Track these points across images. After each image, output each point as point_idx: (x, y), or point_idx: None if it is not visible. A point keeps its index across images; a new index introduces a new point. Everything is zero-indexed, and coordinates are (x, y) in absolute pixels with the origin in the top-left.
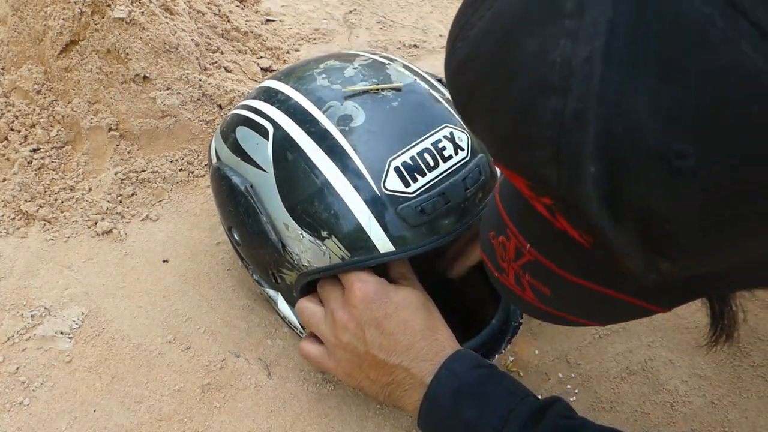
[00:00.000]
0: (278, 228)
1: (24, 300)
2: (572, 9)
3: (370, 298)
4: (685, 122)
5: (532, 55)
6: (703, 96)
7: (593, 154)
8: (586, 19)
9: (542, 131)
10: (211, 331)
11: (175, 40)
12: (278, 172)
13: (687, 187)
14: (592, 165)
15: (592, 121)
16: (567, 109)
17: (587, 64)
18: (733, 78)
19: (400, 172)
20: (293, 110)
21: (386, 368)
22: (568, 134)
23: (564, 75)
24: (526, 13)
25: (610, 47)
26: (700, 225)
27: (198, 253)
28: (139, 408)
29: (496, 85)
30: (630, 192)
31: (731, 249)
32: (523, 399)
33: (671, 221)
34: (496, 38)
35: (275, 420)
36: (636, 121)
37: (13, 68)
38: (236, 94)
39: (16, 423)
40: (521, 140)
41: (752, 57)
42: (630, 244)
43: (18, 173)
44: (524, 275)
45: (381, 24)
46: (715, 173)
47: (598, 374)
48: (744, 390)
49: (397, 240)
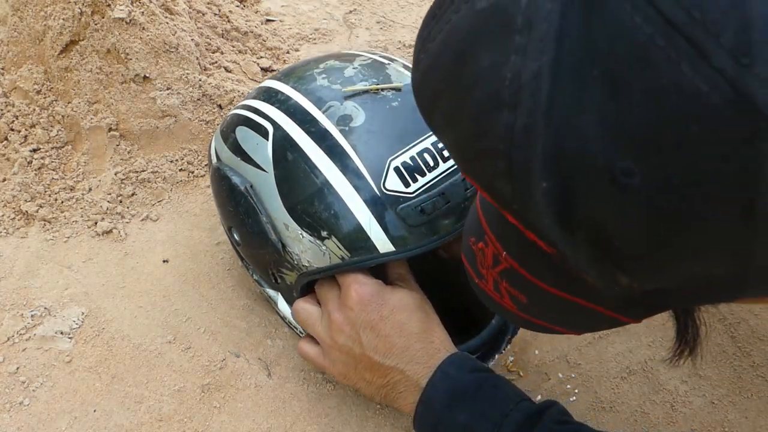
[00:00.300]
0: (278, 228)
1: (24, 300)
2: (522, 24)
3: (366, 301)
4: (628, 140)
5: (485, 69)
6: (646, 115)
7: (543, 169)
8: (534, 35)
9: (495, 145)
10: (211, 331)
11: (175, 40)
12: (278, 172)
13: (634, 205)
14: (543, 180)
15: (540, 137)
16: (517, 124)
17: (535, 79)
18: (673, 98)
19: (399, 172)
20: (293, 110)
21: (381, 370)
22: (519, 149)
23: (514, 90)
24: (480, 28)
25: (558, 63)
26: (648, 242)
27: (198, 253)
28: (139, 408)
29: (454, 98)
30: (581, 208)
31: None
32: (518, 403)
33: (620, 238)
34: (454, 51)
35: (275, 420)
36: (583, 137)
37: (13, 68)
38: (236, 94)
39: (16, 423)
40: (477, 153)
41: (691, 77)
42: (585, 260)
43: (18, 173)
44: (502, 282)
45: (381, 24)
46: (660, 192)
47: (598, 374)
48: (744, 390)
49: (397, 240)
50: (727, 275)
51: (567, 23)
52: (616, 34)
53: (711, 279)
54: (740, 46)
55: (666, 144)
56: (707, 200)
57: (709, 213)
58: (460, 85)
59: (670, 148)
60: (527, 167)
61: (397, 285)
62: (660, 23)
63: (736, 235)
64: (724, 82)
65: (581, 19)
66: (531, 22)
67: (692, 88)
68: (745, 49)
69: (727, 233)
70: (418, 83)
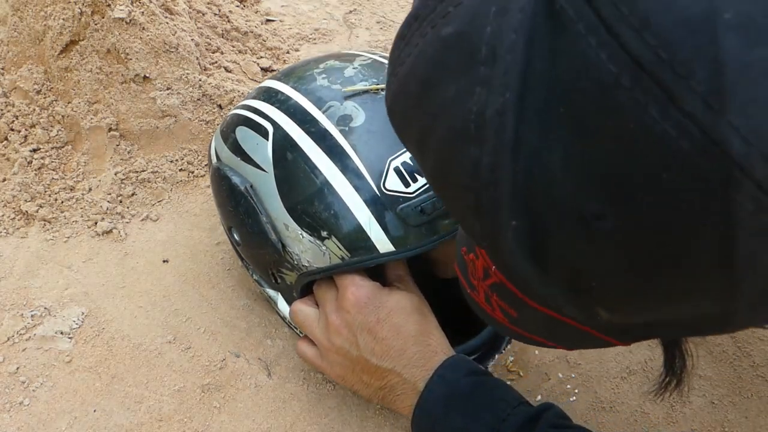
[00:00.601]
0: (278, 228)
1: (24, 300)
2: (486, 55)
3: (362, 303)
4: (597, 184)
5: (451, 101)
6: (613, 159)
7: (512, 208)
8: (498, 68)
9: (463, 180)
10: (211, 331)
11: (175, 40)
12: (278, 172)
13: (607, 248)
14: (512, 219)
15: (507, 176)
16: (483, 161)
17: (499, 116)
18: (641, 143)
19: (399, 173)
20: (293, 110)
21: (379, 373)
22: (486, 187)
23: (479, 125)
24: (445, 56)
25: (523, 99)
26: (625, 285)
27: (198, 253)
28: (139, 408)
29: (422, 127)
30: (554, 249)
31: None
32: (515, 408)
33: (597, 280)
34: (420, 79)
35: (275, 420)
36: (551, 178)
37: (13, 68)
38: (236, 94)
39: (16, 423)
40: (447, 185)
41: (659, 122)
42: (561, 297)
43: (18, 173)
44: (492, 295)
45: (381, 24)
46: (633, 237)
47: (598, 374)
48: (744, 390)
49: (397, 240)
50: (712, 314)
51: (532, 56)
52: (581, 71)
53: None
54: (711, 91)
55: (636, 189)
56: (683, 247)
57: (687, 259)
58: (427, 115)
59: (640, 194)
60: (495, 205)
61: (394, 287)
62: (626, 62)
63: (716, 280)
64: (695, 127)
65: (546, 52)
66: (495, 53)
67: (661, 134)
68: (716, 93)
69: (706, 279)
70: (389, 106)
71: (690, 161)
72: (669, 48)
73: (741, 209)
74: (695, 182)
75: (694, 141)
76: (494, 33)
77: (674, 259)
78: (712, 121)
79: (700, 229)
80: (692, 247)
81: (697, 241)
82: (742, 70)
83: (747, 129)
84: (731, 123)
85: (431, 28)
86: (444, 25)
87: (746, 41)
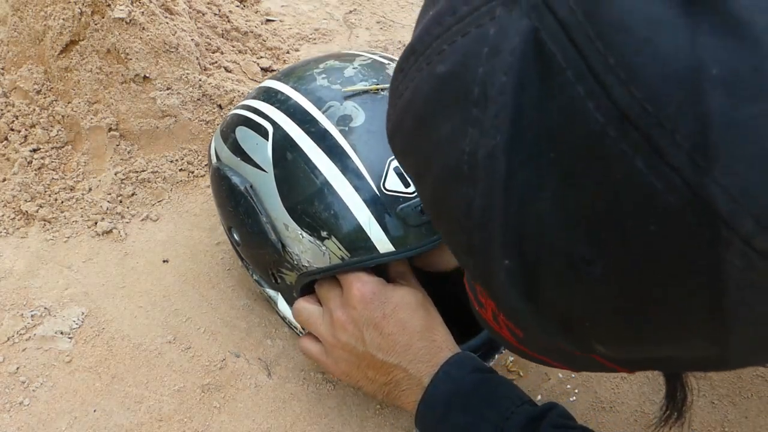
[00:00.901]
0: (278, 228)
1: (24, 300)
2: (477, 96)
3: (368, 299)
4: (586, 230)
5: (445, 139)
6: (601, 207)
7: (504, 249)
8: (489, 111)
9: (455, 216)
10: (211, 331)
11: (175, 40)
12: (278, 172)
13: (598, 293)
14: (505, 258)
15: (498, 218)
16: (475, 202)
17: (490, 159)
18: (628, 194)
19: (399, 173)
20: (293, 110)
21: (384, 368)
22: (479, 228)
23: (471, 166)
24: (439, 95)
25: (514, 142)
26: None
27: (198, 253)
28: (139, 408)
29: (418, 162)
30: (546, 290)
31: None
32: (519, 406)
33: (590, 321)
34: (416, 116)
35: (275, 420)
36: (541, 221)
37: (13, 68)
38: (236, 94)
39: (16, 423)
40: (440, 220)
41: (646, 174)
42: (557, 334)
43: (18, 173)
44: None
45: (381, 24)
46: (623, 284)
47: (598, 374)
48: (744, 390)
49: (397, 240)
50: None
51: (522, 100)
52: (569, 119)
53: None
54: (697, 147)
55: (624, 239)
56: (673, 296)
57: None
58: (422, 152)
59: (628, 244)
60: (487, 245)
61: (399, 283)
62: (613, 113)
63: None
64: (682, 183)
65: (536, 97)
66: (486, 95)
67: (648, 186)
68: (702, 151)
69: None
70: (389, 135)
71: (677, 216)
72: (655, 101)
73: (730, 266)
74: (683, 237)
75: (680, 196)
76: (486, 74)
77: (663, 307)
78: (699, 178)
79: (688, 281)
80: (681, 298)
81: (685, 291)
82: (728, 127)
83: (733, 187)
84: (717, 181)
85: (426, 64)
86: (439, 62)
87: (733, 98)
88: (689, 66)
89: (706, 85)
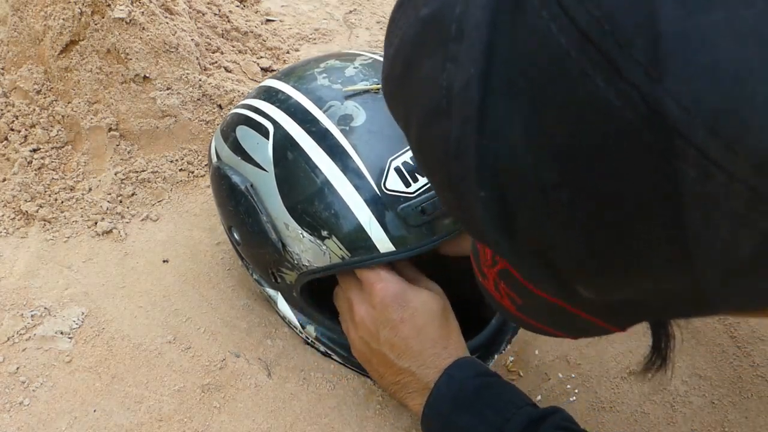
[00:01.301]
0: (278, 227)
1: (24, 300)
2: (455, 33)
3: (388, 302)
4: (552, 154)
5: (426, 78)
6: (566, 129)
7: (479, 180)
8: (464, 44)
9: (436, 154)
10: (211, 331)
11: (175, 40)
12: (278, 172)
13: (568, 219)
14: (481, 190)
15: (472, 148)
16: (452, 134)
17: (465, 90)
18: (588, 112)
19: (400, 172)
20: (294, 110)
21: (394, 369)
22: (455, 159)
23: (448, 100)
24: (422, 36)
25: (487, 73)
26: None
27: (198, 253)
28: (139, 408)
29: (406, 106)
30: (521, 220)
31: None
32: (520, 408)
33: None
34: (403, 59)
35: (275, 420)
36: (514, 150)
37: (13, 68)
38: (236, 94)
39: (16, 423)
40: (425, 163)
41: (604, 91)
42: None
43: (18, 173)
44: (500, 282)
45: (381, 24)
46: (588, 207)
47: (598, 374)
48: (744, 390)
49: (398, 240)
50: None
51: (495, 32)
52: (537, 44)
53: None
54: (650, 59)
55: (586, 160)
56: (636, 216)
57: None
58: (408, 94)
59: (590, 164)
60: (463, 177)
61: (421, 286)
62: (573, 33)
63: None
64: (637, 96)
65: (508, 28)
66: (463, 30)
67: (606, 103)
68: (655, 62)
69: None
70: (383, 89)
71: (634, 131)
72: (611, 18)
73: (685, 178)
74: (639, 152)
75: (637, 111)
76: (462, 11)
77: (626, 230)
78: (653, 90)
79: (647, 199)
80: (644, 216)
81: (647, 209)
82: (678, 37)
83: (685, 97)
84: (669, 91)
85: (413, 9)
86: (423, 5)
87: (683, 9)
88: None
89: None
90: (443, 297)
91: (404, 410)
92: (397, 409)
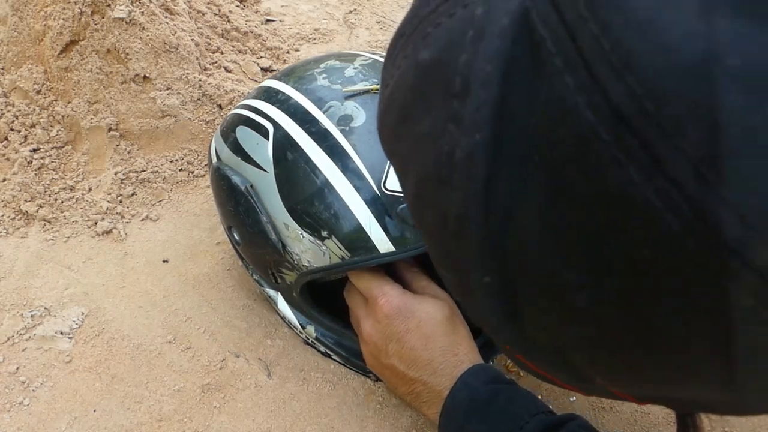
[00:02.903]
0: (278, 228)
1: (24, 300)
2: (459, 88)
3: (392, 315)
4: (573, 250)
5: (424, 136)
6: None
7: (483, 265)
8: (470, 104)
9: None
10: (211, 331)
11: (175, 40)
12: (278, 172)
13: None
14: (485, 275)
15: (474, 229)
16: (452, 211)
17: (469, 160)
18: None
19: None
20: (293, 110)
21: (406, 380)
22: (455, 239)
23: (449, 168)
24: (421, 85)
25: (495, 143)
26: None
27: (198, 253)
28: (139, 408)
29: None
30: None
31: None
32: (534, 416)
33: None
34: (398, 108)
35: (275, 420)
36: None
37: (13, 68)
38: (236, 94)
39: (16, 423)
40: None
41: (641, 188)
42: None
43: (18, 173)
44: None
45: (381, 24)
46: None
47: None
48: None
49: (397, 240)
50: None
51: (507, 93)
52: (557, 116)
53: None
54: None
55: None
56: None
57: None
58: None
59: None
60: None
61: (426, 295)
62: (605, 111)
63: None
64: (683, 200)
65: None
66: (468, 86)
67: (642, 202)
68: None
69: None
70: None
71: (676, 240)
72: (656, 98)
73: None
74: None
75: (681, 216)
76: (468, 62)
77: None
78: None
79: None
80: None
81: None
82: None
83: (747, 208)
84: (726, 199)
85: (412, 50)
86: (422, 48)
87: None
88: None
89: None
90: (450, 303)
91: (404, 410)
92: (397, 409)
